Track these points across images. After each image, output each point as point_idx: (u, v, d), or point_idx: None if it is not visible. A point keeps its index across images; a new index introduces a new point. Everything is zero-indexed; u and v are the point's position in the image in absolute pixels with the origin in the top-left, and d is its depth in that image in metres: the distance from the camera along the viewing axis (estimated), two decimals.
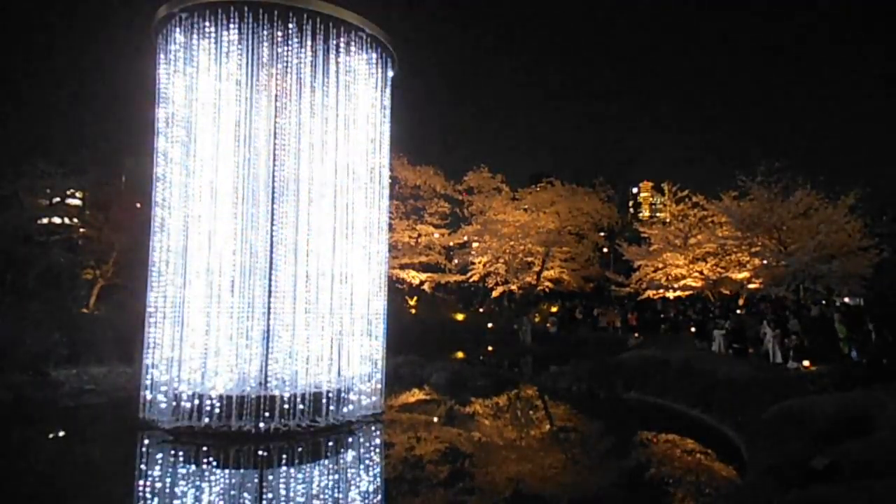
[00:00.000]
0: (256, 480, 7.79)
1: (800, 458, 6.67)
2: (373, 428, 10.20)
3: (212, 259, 9.70)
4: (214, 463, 8.28)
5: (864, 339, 13.98)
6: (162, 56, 10.35)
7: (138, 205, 20.25)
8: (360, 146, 10.78)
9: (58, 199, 23.24)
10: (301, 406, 9.46)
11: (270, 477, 7.87)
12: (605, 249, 36.08)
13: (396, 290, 26.17)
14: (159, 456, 8.65)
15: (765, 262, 21.89)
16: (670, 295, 26.26)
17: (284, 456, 8.58)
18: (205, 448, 8.62)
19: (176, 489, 7.26)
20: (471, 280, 28.78)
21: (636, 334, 23.34)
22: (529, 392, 15.02)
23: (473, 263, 28.55)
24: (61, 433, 10.31)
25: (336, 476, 8.10)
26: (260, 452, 8.49)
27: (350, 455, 9.15)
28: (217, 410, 9.16)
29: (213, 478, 7.80)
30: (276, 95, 10.02)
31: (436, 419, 11.85)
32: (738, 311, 22.95)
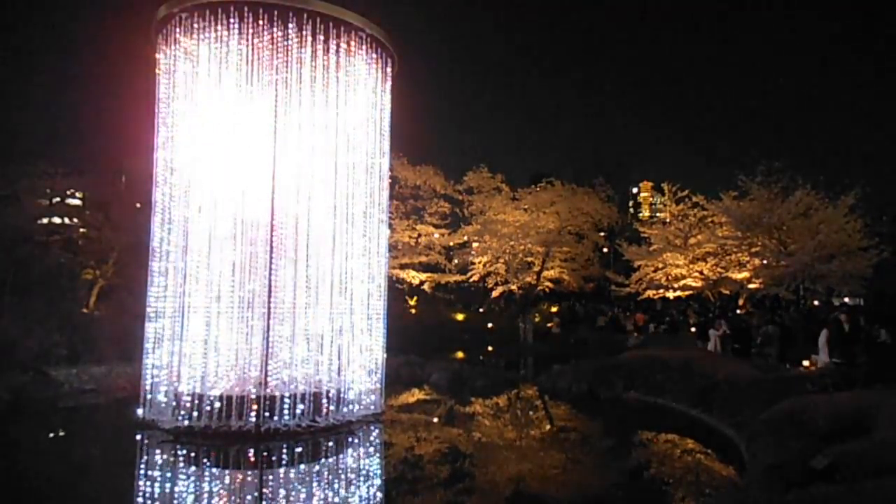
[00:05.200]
0: (256, 480, 7.78)
1: (800, 458, 6.67)
2: (373, 428, 10.19)
3: (212, 259, 9.70)
4: (214, 463, 8.28)
5: (865, 339, 13.96)
6: (162, 56, 10.36)
7: (138, 205, 20.26)
8: (360, 146, 10.78)
9: (58, 199, 23.26)
10: (301, 406, 9.47)
11: (270, 477, 7.87)
12: (605, 249, 36.05)
13: (396, 290, 26.14)
14: (159, 456, 8.65)
15: (765, 262, 21.87)
16: (670, 295, 26.25)
17: (284, 456, 8.58)
18: (205, 448, 8.62)
19: (176, 489, 7.26)
20: (471, 280, 28.75)
21: (636, 334, 23.37)
22: (529, 392, 15.02)
23: (473, 263, 28.50)
24: (61, 433, 10.31)
25: (336, 476, 8.09)
26: (260, 452, 8.49)
27: (350, 455, 9.15)
28: (217, 410, 9.16)
29: (212, 478, 7.80)
30: (277, 95, 10.01)
31: (436, 419, 11.85)
32: (738, 311, 22.97)
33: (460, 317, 29.65)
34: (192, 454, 8.54)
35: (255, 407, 9.17)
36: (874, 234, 20.98)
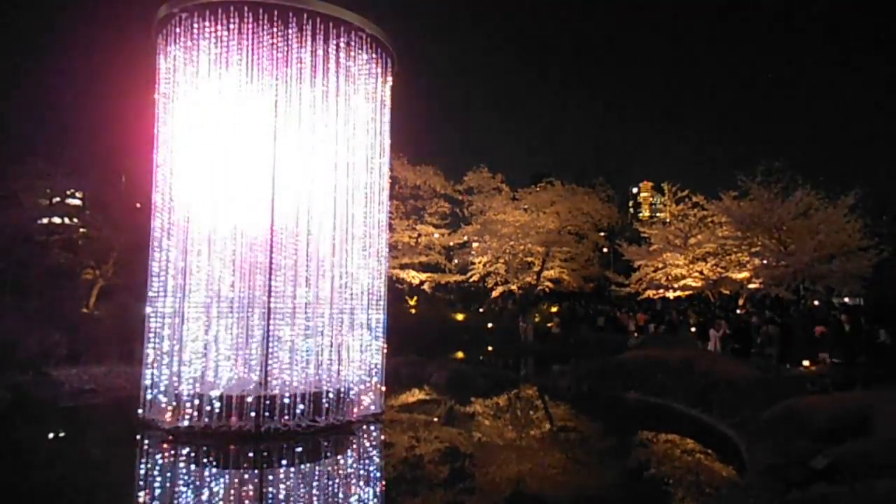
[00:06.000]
0: (256, 480, 7.78)
1: (800, 458, 6.68)
2: (373, 428, 10.20)
3: (212, 258, 9.71)
4: (214, 463, 8.28)
5: (865, 339, 13.97)
6: (162, 56, 10.36)
7: (138, 205, 20.28)
8: (360, 146, 10.79)
9: (58, 199, 23.26)
10: (301, 406, 9.47)
11: (270, 477, 7.87)
12: (605, 249, 36.07)
13: (396, 290, 26.14)
14: (159, 456, 8.65)
15: (765, 262, 21.88)
16: (670, 295, 26.26)
17: (284, 456, 8.58)
18: (205, 448, 8.62)
19: (176, 489, 7.26)
20: (471, 280, 28.77)
21: (637, 334, 23.36)
22: (529, 392, 15.02)
23: (473, 263, 28.54)
24: (61, 433, 10.31)
25: (336, 476, 8.09)
26: (260, 452, 8.49)
27: (350, 455, 9.15)
28: (217, 410, 9.16)
29: (213, 478, 7.80)
30: (276, 95, 10.01)
31: (436, 419, 11.85)
32: (738, 311, 22.95)
33: (460, 317, 29.62)
34: (192, 454, 8.54)
35: (254, 407, 9.17)
36: (874, 234, 20.97)
